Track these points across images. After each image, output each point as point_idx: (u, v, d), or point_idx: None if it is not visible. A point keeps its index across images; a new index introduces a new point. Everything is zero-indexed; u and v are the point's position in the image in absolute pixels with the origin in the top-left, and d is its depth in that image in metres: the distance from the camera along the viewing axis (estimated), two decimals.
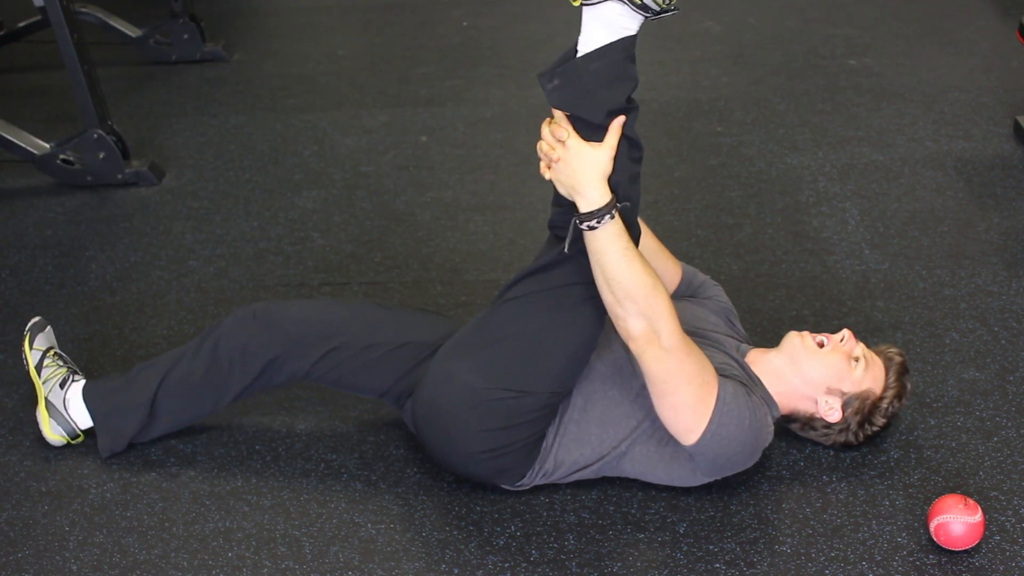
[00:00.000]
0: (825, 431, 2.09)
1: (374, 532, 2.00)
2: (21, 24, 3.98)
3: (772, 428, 2.02)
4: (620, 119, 1.77)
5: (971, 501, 1.91)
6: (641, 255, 1.82)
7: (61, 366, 2.23)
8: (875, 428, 2.08)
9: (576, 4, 1.74)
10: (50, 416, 2.16)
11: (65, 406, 2.16)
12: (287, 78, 3.91)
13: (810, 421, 2.08)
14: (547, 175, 1.83)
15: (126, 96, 3.79)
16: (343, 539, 1.99)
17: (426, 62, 4.00)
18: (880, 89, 3.65)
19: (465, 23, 4.34)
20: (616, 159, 1.78)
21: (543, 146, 1.82)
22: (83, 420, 2.16)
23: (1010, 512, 2.00)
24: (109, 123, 3.15)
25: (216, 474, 2.14)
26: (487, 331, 1.98)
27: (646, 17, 1.72)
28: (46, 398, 2.18)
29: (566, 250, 1.84)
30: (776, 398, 2.05)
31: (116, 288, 2.73)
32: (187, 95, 3.81)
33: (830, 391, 2.04)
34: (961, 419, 2.22)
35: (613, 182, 1.79)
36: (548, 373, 1.93)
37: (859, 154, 3.25)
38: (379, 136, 3.46)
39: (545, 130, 1.82)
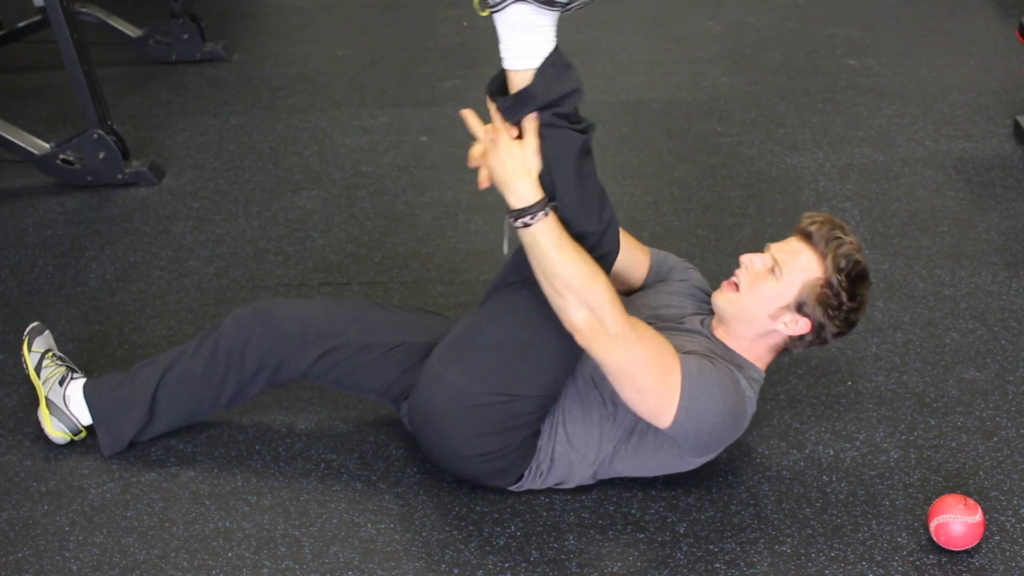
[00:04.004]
0: (813, 339, 1.96)
1: (374, 532, 2.00)
2: (21, 24, 3.97)
3: (753, 392, 1.96)
4: (533, 121, 1.78)
5: (971, 501, 1.91)
6: (577, 246, 1.79)
7: (60, 365, 2.24)
8: (851, 301, 1.92)
9: (484, 14, 1.76)
10: (51, 414, 2.16)
11: (65, 403, 2.16)
12: (287, 78, 3.91)
13: (794, 344, 1.98)
14: (477, 164, 1.85)
15: (126, 96, 3.79)
16: (343, 539, 1.99)
17: (426, 62, 4.00)
18: (880, 89, 3.65)
19: (465, 23, 4.34)
20: (549, 160, 1.78)
21: (479, 132, 1.85)
22: (84, 416, 2.16)
23: (1010, 512, 2.00)
24: (109, 123, 3.15)
25: (216, 474, 2.14)
26: (475, 334, 1.97)
27: (557, 10, 1.71)
28: (46, 397, 2.18)
29: (504, 250, 1.86)
30: (746, 356, 1.99)
31: (116, 288, 2.73)
32: (187, 95, 3.81)
33: (777, 314, 1.94)
34: (961, 419, 2.22)
35: (546, 181, 1.78)
36: (539, 376, 1.92)
37: (859, 154, 3.25)
38: (379, 136, 3.46)
39: (486, 126, 1.86)
